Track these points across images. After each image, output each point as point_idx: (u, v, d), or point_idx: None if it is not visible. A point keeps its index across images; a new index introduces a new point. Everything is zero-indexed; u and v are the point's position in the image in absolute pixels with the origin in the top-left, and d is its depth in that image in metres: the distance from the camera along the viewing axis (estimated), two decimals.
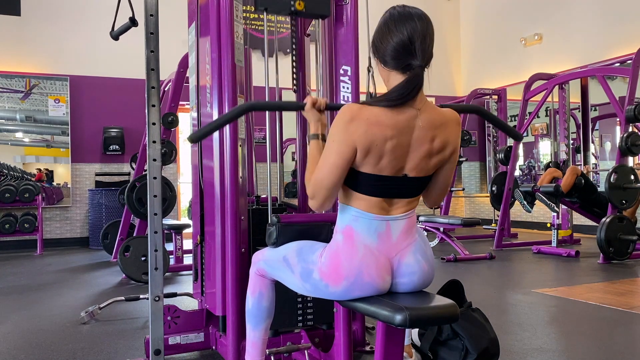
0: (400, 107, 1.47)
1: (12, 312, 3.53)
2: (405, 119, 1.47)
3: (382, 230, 1.53)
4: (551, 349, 2.59)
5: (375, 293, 1.53)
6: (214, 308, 2.32)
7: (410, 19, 1.48)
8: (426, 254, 1.58)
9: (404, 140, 1.47)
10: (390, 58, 1.50)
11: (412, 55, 1.47)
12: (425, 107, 1.51)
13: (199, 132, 1.68)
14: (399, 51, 1.48)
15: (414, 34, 1.47)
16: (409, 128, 1.48)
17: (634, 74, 5.36)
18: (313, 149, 1.65)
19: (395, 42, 1.48)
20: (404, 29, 1.47)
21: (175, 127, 5.45)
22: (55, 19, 7.35)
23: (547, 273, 4.80)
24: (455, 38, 9.97)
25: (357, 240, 1.53)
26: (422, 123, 1.49)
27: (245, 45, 2.42)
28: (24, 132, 7.23)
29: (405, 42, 1.47)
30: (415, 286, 1.57)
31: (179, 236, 5.43)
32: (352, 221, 1.54)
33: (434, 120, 1.51)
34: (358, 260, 1.50)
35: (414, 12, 1.51)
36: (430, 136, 1.50)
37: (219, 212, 2.23)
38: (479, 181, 9.67)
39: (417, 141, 1.49)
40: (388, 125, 1.45)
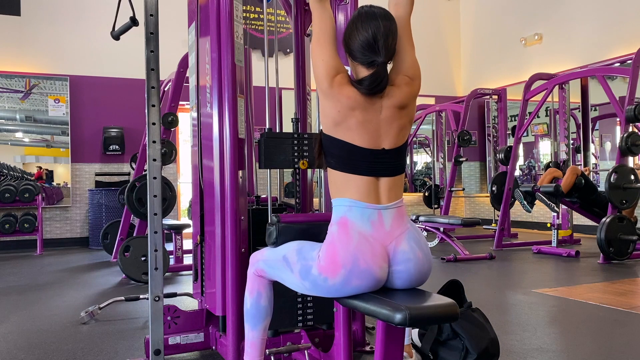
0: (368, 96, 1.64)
1: (12, 312, 3.53)
2: (370, 101, 1.63)
3: (375, 218, 1.60)
4: (551, 349, 2.59)
5: (373, 282, 1.55)
6: (214, 308, 2.32)
7: (374, 18, 1.63)
8: (420, 242, 1.63)
9: (372, 118, 1.63)
10: (357, 53, 1.65)
11: (375, 53, 1.62)
12: (390, 92, 1.65)
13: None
14: (365, 48, 1.63)
15: (377, 33, 1.61)
16: (374, 110, 1.63)
17: (634, 74, 5.36)
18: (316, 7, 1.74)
19: (360, 40, 1.63)
20: (369, 28, 1.62)
21: (175, 127, 5.45)
22: (55, 19, 7.35)
23: (547, 273, 4.80)
24: (455, 38, 9.97)
25: (351, 228, 1.59)
26: (387, 104, 1.64)
27: (245, 45, 2.42)
28: (24, 132, 7.23)
29: (370, 40, 1.62)
30: (412, 275, 1.59)
31: (179, 236, 5.43)
32: (346, 212, 1.62)
33: (400, 103, 1.66)
34: (353, 247, 1.55)
35: (378, 12, 1.65)
36: (398, 115, 1.66)
37: (219, 212, 2.23)
38: (479, 181, 9.67)
39: (386, 120, 1.65)
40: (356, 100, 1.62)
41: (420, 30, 9.80)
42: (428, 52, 9.34)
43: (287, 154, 2.31)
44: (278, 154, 2.28)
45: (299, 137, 2.31)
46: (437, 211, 8.37)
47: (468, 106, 7.84)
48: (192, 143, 2.60)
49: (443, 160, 8.96)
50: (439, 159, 9.04)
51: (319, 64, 1.66)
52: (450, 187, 7.91)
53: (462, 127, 7.81)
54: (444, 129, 9.07)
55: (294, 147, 2.31)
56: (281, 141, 2.21)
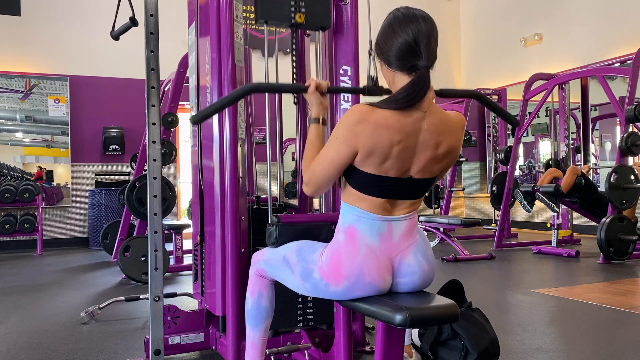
0: (407, 110, 1.46)
1: (12, 312, 3.53)
2: (412, 121, 1.47)
3: (384, 230, 1.54)
4: (551, 349, 2.59)
5: (375, 293, 1.53)
6: (214, 308, 2.32)
7: (414, 20, 1.49)
8: (427, 254, 1.59)
9: (410, 143, 1.47)
10: (395, 59, 1.50)
11: (417, 56, 1.47)
12: (432, 110, 1.50)
13: (201, 113, 1.67)
14: (404, 52, 1.48)
15: (419, 35, 1.47)
16: (415, 131, 1.47)
17: (634, 74, 5.36)
18: (313, 133, 1.66)
19: (400, 43, 1.48)
20: (409, 29, 1.47)
21: (175, 127, 5.45)
22: (55, 19, 7.35)
23: (547, 273, 4.80)
24: (455, 38, 9.97)
25: (359, 240, 1.53)
26: (427, 126, 1.48)
27: (245, 45, 2.42)
28: (24, 132, 7.23)
29: (410, 42, 1.47)
30: (416, 286, 1.57)
31: (179, 236, 5.42)
32: (354, 221, 1.55)
33: (441, 125, 1.51)
34: (359, 261, 1.51)
35: (418, 13, 1.51)
36: (436, 140, 1.50)
37: (219, 212, 2.23)
38: (479, 181, 9.67)
39: (423, 144, 1.49)
40: (396, 128, 1.45)
41: None
42: None
43: (283, 6, 2.24)
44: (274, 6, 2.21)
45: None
46: (437, 211, 8.36)
47: (468, 106, 7.84)
48: (192, 143, 2.60)
49: None
50: None
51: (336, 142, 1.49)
52: (450, 187, 7.91)
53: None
54: None
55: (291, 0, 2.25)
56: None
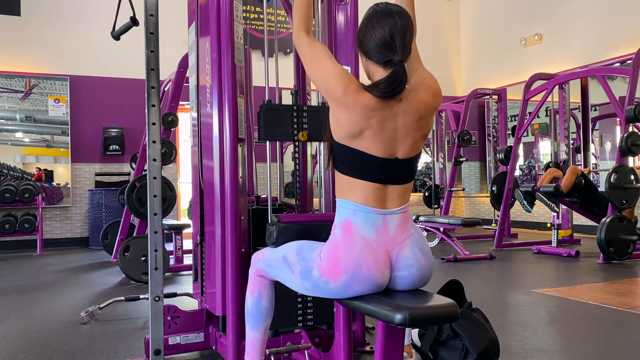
0: (385, 98, 1.56)
1: (12, 312, 3.53)
2: (389, 107, 1.56)
3: (379, 224, 1.57)
4: (551, 349, 2.59)
5: (374, 288, 1.54)
6: (214, 308, 2.32)
7: (391, 16, 1.57)
8: (423, 248, 1.61)
9: (388, 126, 1.56)
10: (373, 52, 1.59)
11: (392, 51, 1.56)
12: (408, 96, 1.58)
13: None
14: (381, 47, 1.57)
15: (395, 31, 1.56)
16: (392, 115, 1.56)
17: (634, 74, 5.36)
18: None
19: (377, 38, 1.57)
20: (386, 25, 1.56)
21: (175, 127, 5.45)
22: (55, 19, 7.35)
23: (547, 273, 4.80)
24: (455, 38, 9.97)
25: (355, 234, 1.56)
26: (405, 111, 1.58)
27: (245, 45, 2.42)
28: (24, 132, 7.23)
29: (387, 38, 1.56)
30: (414, 280, 1.59)
31: (179, 236, 5.42)
32: (350, 215, 1.59)
33: (418, 109, 1.59)
34: (356, 253, 1.53)
35: (394, 9, 1.60)
36: (416, 125, 1.59)
37: (219, 212, 2.23)
38: (479, 181, 9.67)
39: (404, 127, 1.58)
40: (372, 108, 1.55)
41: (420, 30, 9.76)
42: (428, 52, 9.31)
43: (286, 125, 2.26)
44: (277, 126, 2.25)
45: (298, 109, 2.28)
46: (437, 211, 8.37)
47: (468, 106, 7.84)
48: (192, 143, 2.60)
49: (443, 160, 8.96)
50: (439, 159, 9.04)
51: (326, 77, 1.59)
52: (450, 187, 7.91)
53: (462, 127, 7.81)
54: (444, 129, 9.07)
55: (294, 119, 2.27)
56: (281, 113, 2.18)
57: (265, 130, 2.24)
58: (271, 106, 2.26)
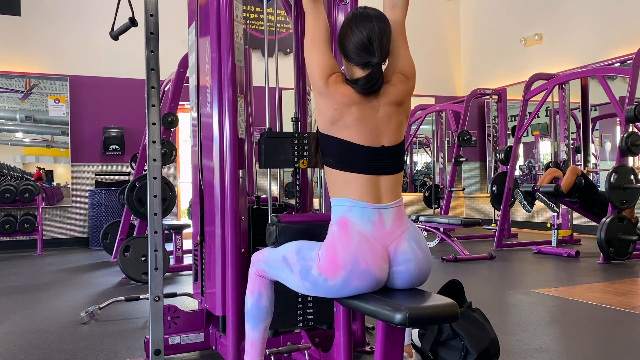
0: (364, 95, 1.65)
1: (12, 312, 3.53)
2: (366, 100, 1.65)
3: (375, 218, 1.59)
4: (551, 349, 2.59)
5: (373, 283, 1.55)
6: (214, 308, 2.32)
7: (368, 20, 1.64)
8: (420, 242, 1.63)
9: (368, 116, 1.64)
10: (352, 54, 1.66)
11: (370, 54, 1.63)
12: (387, 90, 1.67)
13: None
14: (360, 49, 1.64)
15: (372, 34, 1.62)
16: (371, 108, 1.65)
17: (634, 74, 5.36)
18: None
19: (355, 42, 1.64)
20: (364, 29, 1.63)
21: (175, 127, 5.45)
22: (56, 19, 7.35)
23: (547, 273, 4.80)
24: (455, 38, 9.96)
25: (351, 229, 1.58)
26: (383, 103, 1.66)
27: (245, 45, 2.42)
28: (24, 132, 7.23)
29: (365, 41, 1.63)
30: (412, 275, 1.59)
31: (179, 236, 5.42)
32: (345, 212, 1.61)
33: (396, 100, 1.68)
34: (354, 247, 1.55)
35: (372, 13, 1.66)
36: (395, 112, 1.67)
37: (219, 212, 2.23)
38: (479, 181, 9.67)
39: (384, 117, 1.66)
40: (351, 99, 1.64)
41: (420, 30, 9.82)
42: (428, 52, 9.34)
43: (287, 153, 2.30)
44: (278, 154, 2.28)
45: (298, 137, 2.31)
46: (437, 211, 8.37)
47: (468, 106, 7.84)
48: (192, 143, 2.60)
49: (443, 160, 8.96)
50: (439, 159, 9.04)
51: (313, 64, 1.68)
52: (450, 187, 7.91)
53: (462, 127, 7.81)
54: (444, 129, 9.07)
55: (294, 146, 2.30)
56: (281, 141, 2.21)
57: (265, 158, 2.27)
58: (272, 134, 2.29)
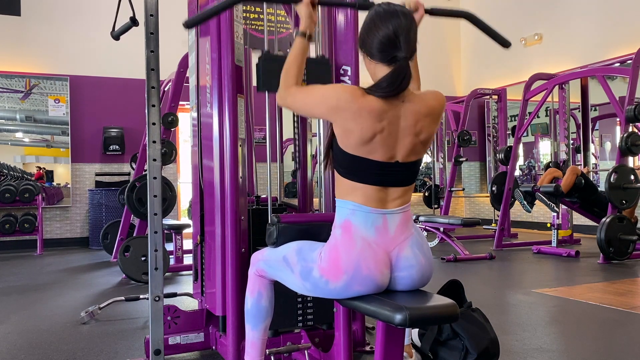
0: (389, 98, 1.54)
1: (12, 312, 3.53)
2: (393, 108, 1.55)
3: (379, 224, 1.57)
4: (551, 349, 2.59)
5: (374, 288, 1.54)
6: (214, 308, 2.32)
7: (395, 15, 1.56)
8: (423, 248, 1.61)
9: (392, 129, 1.55)
10: (376, 51, 1.57)
11: (397, 48, 1.54)
12: (411, 98, 1.58)
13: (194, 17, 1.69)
14: (385, 44, 1.55)
15: (399, 29, 1.54)
16: (395, 118, 1.55)
17: (634, 74, 5.36)
18: (297, 47, 1.74)
19: (381, 36, 1.55)
20: (390, 24, 1.55)
21: (175, 127, 5.45)
22: (56, 19, 7.35)
23: (547, 273, 4.80)
24: (455, 38, 9.96)
25: (355, 234, 1.56)
26: (407, 113, 1.56)
27: (245, 45, 2.42)
28: (24, 132, 7.22)
29: (391, 35, 1.54)
30: (414, 280, 1.58)
31: (179, 236, 5.42)
32: (349, 215, 1.58)
33: (419, 111, 1.58)
34: (356, 253, 1.53)
35: (398, 9, 1.59)
36: (418, 127, 1.58)
37: (219, 212, 2.23)
38: (479, 181, 9.67)
39: (404, 130, 1.56)
40: (378, 113, 1.53)
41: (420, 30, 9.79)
42: (428, 52, 9.33)
43: None
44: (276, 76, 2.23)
45: None
46: (437, 211, 8.36)
47: (468, 106, 7.84)
48: (192, 143, 2.60)
49: (443, 160, 8.96)
50: (439, 159, 9.04)
51: (328, 93, 1.58)
52: (450, 187, 7.91)
53: (462, 127, 7.80)
54: (444, 129, 9.06)
55: None
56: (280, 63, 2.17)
57: (264, 80, 2.21)
58: (270, 56, 2.23)
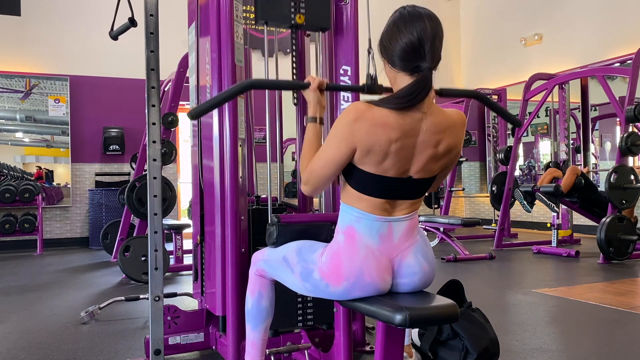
0: (406, 110, 1.44)
1: (12, 312, 3.53)
2: (411, 122, 1.45)
3: (384, 231, 1.53)
4: (551, 349, 2.59)
5: (375, 293, 1.53)
6: (214, 308, 2.32)
7: (420, 19, 1.45)
8: (427, 255, 1.58)
9: (408, 143, 1.46)
10: (398, 59, 1.48)
11: (420, 57, 1.45)
12: (432, 110, 1.49)
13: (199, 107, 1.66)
14: (408, 52, 1.45)
15: (424, 36, 1.44)
16: (413, 131, 1.46)
17: (634, 74, 5.36)
18: (310, 132, 1.63)
19: (404, 43, 1.45)
20: (414, 29, 1.44)
21: (175, 127, 5.45)
22: (56, 18, 7.35)
23: (547, 273, 4.80)
24: (455, 38, 9.96)
25: (358, 241, 1.53)
26: (427, 127, 1.47)
27: (245, 45, 2.42)
28: (24, 132, 7.22)
29: (415, 43, 1.44)
30: (416, 287, 1.57)
31: (179, 236, 5.42)
32: (353, 222, 1.54)
33: (440, 124, 1.49)
34: (359, 261, 1.50)
35: (424, 12, 1.48)
36: (435, 140, 1.49)
37: (219, 212, 2.23)
38: (479, 181, 9.67)
39: (422, 144, 1.48)
40: (393, 127, 1.43)
41: None
42: None
43: (283, 7, 2.19)
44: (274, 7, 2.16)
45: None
46: (437, 211, 8.36)
47: (468, 106, 7.84)
48: (192, 143, 2.60)
49: None
50: None
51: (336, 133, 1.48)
52: (450, 187, 7.91)
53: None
54: None
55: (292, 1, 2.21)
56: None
57: (261, 10, 2.17)
58: None
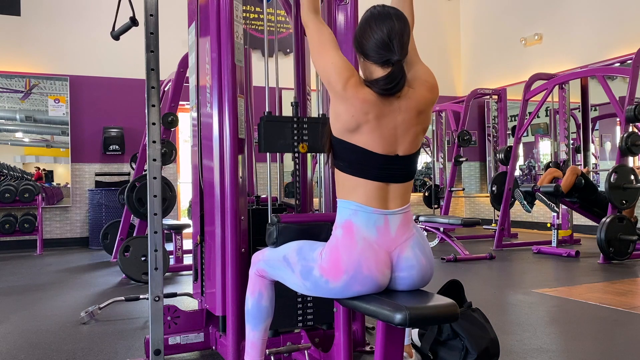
0: (387, 96, 1.59)
1: (12, 312, 3.53)
2: (388, 104, 1.59)
3: (381, 224, 1.58)
4: (551, 349, 2.59)
5: (375, 288, 1.55)
6: (214, 308, 2.32)
7: (388, 18, 1.61)
8: (424, 249, 1.62)
9: (388, 122, 1.58)
10: (371, 52, 1.62)
11: (391, 51, 1.59)
12: (407, 94, 1.61)
13: None
14: (380, 47, 1.60)
15: (392, 32, 1.59)
16: (391, 112, 1.59)
17: (634, 74, 5.36)
18: None
19: (375, 39, 1.60)
20: (384, 27, 1.59)
21: (175, 127, 5.45)
22: (56, 18, 7.35)
23: (547, 273, 4.80)
24: (455, 38, 9.96)
25: (356, 234, 1.57)
26: (404, 108, 1.60)
27: (245, 45, 2.42)
28: (24, 132, 7.22)
29: (385, 39, 1.59)
30: (415, 281, 1.59)
31: (179, 236, 5.43)
32: (351, 215, 1.59)
33: (417, 105, 1.62)
34: (357, 253, 1.53)
35: (392, 12, 1.63)
36: (415, 120, 1.62)
37: (219, 212, 2.23)
38: (479, 181, 9.67)
39: (403, 124, 1.60)
40: (371, 104, 1.57)
41: (420, 30, 9.79)
42: (428, 52, 9.29)
43: (287, 137, 2.26)
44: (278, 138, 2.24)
45: (298, 121, 2.29)
46: (437, 211, 8.37)
47: (468, 106, 7.84)
48: (192, 143, 2.60)
49: (443, 160, 8.96)
50: (439, 159, 9.04)
51: (328, 68, 1.62)
52: (450, 187, 7.91)
53: (462, 127, 7.81)
54: (444, 129, 9.07)
55: (294, 130, 2.27)
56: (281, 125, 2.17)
57: (265, 142, 2.24)
58: (271, 118, 2.26)
